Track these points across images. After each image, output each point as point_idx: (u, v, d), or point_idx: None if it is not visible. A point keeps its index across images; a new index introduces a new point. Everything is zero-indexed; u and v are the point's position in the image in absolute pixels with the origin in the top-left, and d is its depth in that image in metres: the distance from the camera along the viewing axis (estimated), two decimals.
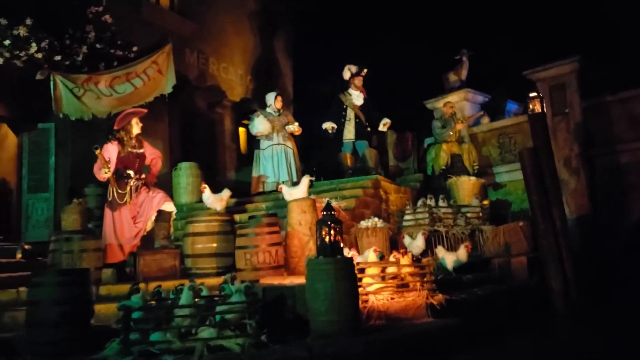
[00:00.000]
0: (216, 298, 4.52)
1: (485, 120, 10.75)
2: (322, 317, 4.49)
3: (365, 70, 10.35)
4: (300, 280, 5.28)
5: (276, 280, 5.61)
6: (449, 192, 9.13)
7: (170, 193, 8.84)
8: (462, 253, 6.62)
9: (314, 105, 12.47)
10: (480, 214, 7.92)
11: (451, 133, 9.96)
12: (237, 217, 7.71)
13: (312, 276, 4.61)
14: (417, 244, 7.04)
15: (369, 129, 10.19)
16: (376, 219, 7.25)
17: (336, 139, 10.14)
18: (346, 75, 10.44)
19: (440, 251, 6.76)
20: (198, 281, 4.86)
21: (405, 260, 5.69)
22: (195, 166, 9.61)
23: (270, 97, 9.60)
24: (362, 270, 5.67)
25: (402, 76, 12.07)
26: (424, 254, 7.08)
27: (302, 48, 13.40)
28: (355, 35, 13.32)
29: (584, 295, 7.06)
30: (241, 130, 11.90)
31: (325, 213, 4.80)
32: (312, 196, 7.10)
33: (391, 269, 5.70)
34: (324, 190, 8.82)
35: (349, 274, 4.68)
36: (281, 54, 12.99)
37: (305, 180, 6.89)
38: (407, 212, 7.84)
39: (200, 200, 7.70)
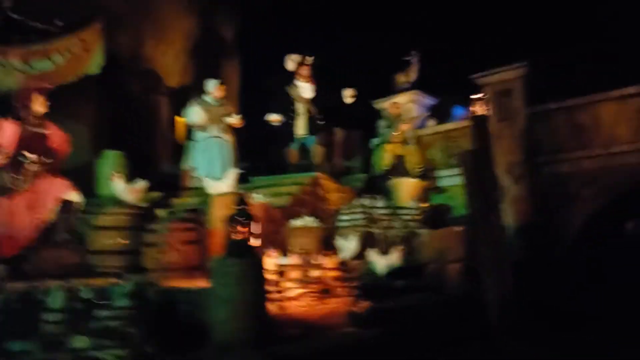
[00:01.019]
0: (102, 302, 3.96)
1: (431, 123, 10.49)
2: (224, 325, 4.01)
3: (310, 59, 9.88)
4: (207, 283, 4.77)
5: (184, 283, 5.08)
6: (390, 194, 8.80)
7: (94, 183, 8.18)
8: (394, 257, 6.27)
9: (264, 98, 11.94)
10: (418, 217, 7.59)
11: (396, 134, 9.64)
12: (159, 212, 7.13)
13: (216, 279, 4.13)
14: (349, 245, 6.67)
15: (321, 122, 9.74)
16: (309, 218, 6.82)
17: (286, 134, 9.65)
18: (289, 66, 9.97)
19: (372, 254, 6.39)
20: (94, 281, 4.31)
21: (330, 263, 5.27)
22: (123, 155, 8.92)
23: (211, 85, 8.96)
24: (282, 274, 5.22)
25: (353, 75, 11.68)
26: (358, 256, 6.72)
27: (253, 38, 12.82)
28: (307, 29, 12.87)
29: (522, 306, 6.83)
30: (181, 119, 11.22)
31: (236, 208, 4.32)
32: (241, 191, 6.59)
33: (315, 273, 5.28)
34: (261, 186, 8.34)
35: (258, 278, 4.21)
36: (229, 43, 12.38)
37: (232, 173, 6.38)
38: (343, 211, 7.44)
39: None
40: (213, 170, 8.56)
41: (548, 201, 8.73)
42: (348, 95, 9.53)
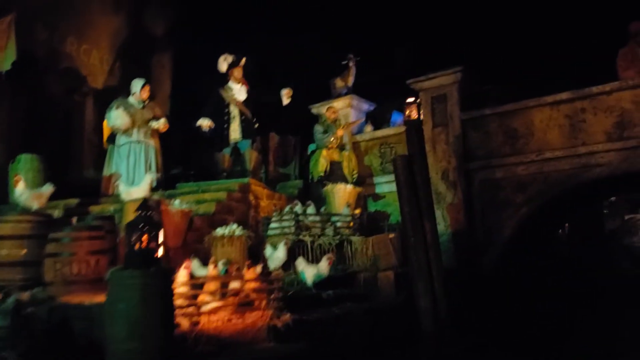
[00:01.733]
0: None
1: (369, 128, 10.30)
2: (123, 344, 3.57)
3: (243, 60, 9.52)
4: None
5: (86, 298, 4.58)
6: (325, 200, 8.53)
7: (6, 188, 7.52)
8: (323, 266, 5.95)
9: (198, 102, 11.46)
10: (351, 224, 7.33)
11: (332, 139, 9.40)
12: (75, 220, 6.55)
13: (114, 292, 3.69)
14: (278, 255, 6.31)
15: (256, 126, 9.35)
16: (235, 226, 6.42)
17: (218, 139, 9.20)
18: (222, 67, 9.57)
19: (300, 264, 6.05)
20: None
21: (250, 274, 4.89)
22: (38, 159, 8.25)
23: (137, 85, 8.45)
24: (199, 286, 4.81)
25: (290, 79, 11.37)
26: (286, 266, 6.37)
27: (186, 40, 12.32)
28: (243, 31, 12.47)
29: (454, 314, 6.66)
30: (105, 122, 10.59)
31: (138, 214, 3.89)
32: (158, 197, 6.14)
33: (234, 284, 4.89)
34: (185, 192, 7.88)
35: (163, 291, 3.79)
36: (160, 43, 11.86)
37: (148, 178, 5.92)
38: (273, 219, 7.08)
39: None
40: (135, 177, 8.06)
41: (482, 207, 8.67)
42: (285, 95, 9.19)
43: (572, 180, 7.91)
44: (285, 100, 9.23)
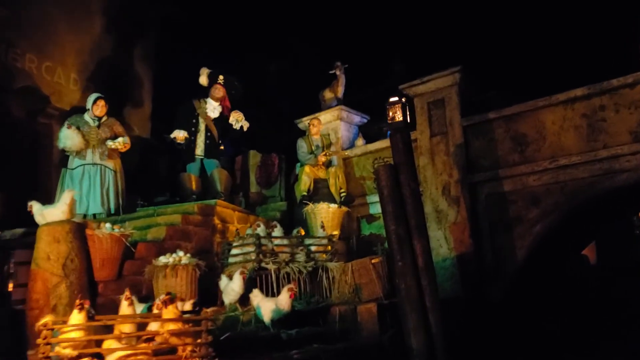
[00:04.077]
0: None
1: (360, 142, 9.23)
2: None
3: (221, 77, 8.62)
4: None
5: None
6: (306, 222, 7.45)
7: None
8: (283, 300, 4.83)
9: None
10: (329, 248, 6.19)
11: (317, 155, 8.37)
12: None
13: None
14: (232, 287, 5.20)
15: (221, 148, 8.40)
16: (181, 254, 5.34)
17: (184, 153, 8.28)
18: (202, 79, 8.72)
19: (256, 297, 4.94)
20: None
21: (168, 312, 3.80)
22: None
23: (89, 101, 7.64)
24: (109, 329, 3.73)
25: (277, 92, 10.48)
26: (243, 300, 5.26)
27: (168, 59, 11.53)
28: (228, 47, 11.65)
29: (455, 355, 5.45)
30: None
31: None
32: (81, 220, 5.13)
33: (152, 326, 3.80)
34: (141, 216, 6.87)
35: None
36: (138, 62, 11.06)
37: (67, 196, 4.91)
38: (234, 244, 5.98)
39: None
40: (90, 203, 7.13)
41: (490, 226, 7.45)
42: (236, 119, 8.18)
43: (593, 189, 6.68)
44: (238, 125, 8.20)
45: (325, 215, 7.23)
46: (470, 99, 8.07)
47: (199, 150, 8.06)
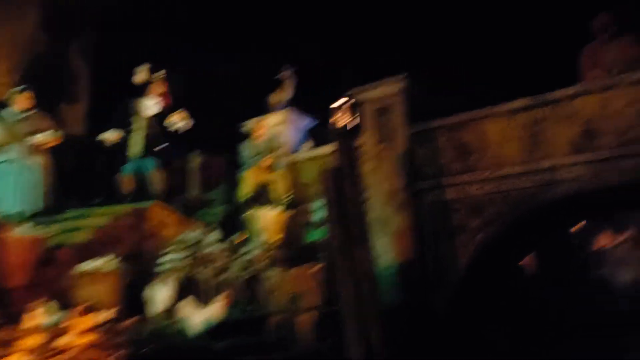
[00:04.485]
0: None
1: (308, 146, 9.07)
2: None
3: (162, 73, 8.27)
4: None
5: None
6: (246, 227, 7.19)
7: None
8: (215, 309, 4.56)
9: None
10: (269, 255, 5.96)
11: (262, 158, 8.14)
12: None
13: None
14: (162, 295, 4.89)
15: (160, 147, 8.03)
16: (106, 259, 4.99)
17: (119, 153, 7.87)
18: (138, 77, 8.33)
19: (185, 307, 4.64)
20: None
21: (83, 323, 3.47)
22: None
23: (13, 94, 7.15)
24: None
25: (224, 94, 10.17)
26: (174, 309, 4.95)
27: (108, 55, 11.01)
28: (175, 46, 11.24)
29: None
30: None
31: None
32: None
33: (63, 340, 3.46)
34: (69, 218, 6.45)
35: None
36: (75, 57, 10.52)
37: None
38: (167, 249, 5.66)
39: None
40: (14, 204, 6.64)
41: (433, 234, 7.41)
42: (176, 118, 7.84)
43: (535, 199, 6.73)
44: (178, 125, 7.86)
45: (266, 221, 7.00)
46: (417, 106, 8.03)
47: (136, 149, 7.67)
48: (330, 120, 6.12)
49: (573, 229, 11.88)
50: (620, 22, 6.68)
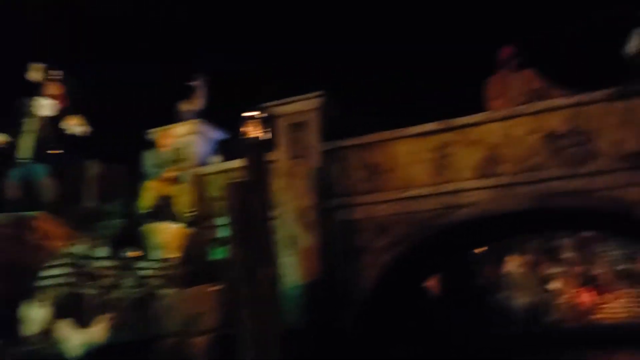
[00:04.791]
0: None
1: (216, 159, 8.73)
2: None
3: (56, 73, 7.62)
4: None
5: None
6: (144, 242, 6.73)
7: None
8: (97, 331, 4.13)
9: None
10: (165, 272, 5.57)
11: (166, 169, 7.70)
12: None
13: None
14: (38, 315, 4.38)
15: (53, 152, 7.37)
16: None
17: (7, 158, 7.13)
18: (32, 75, 7.61)
19: (64, 328, 4.17)
20: None
21: None
22: None
23: None
24: None
25: (129, 100, 9.63)
26: (52, 330, 4.44)
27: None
28: (80, 48, 10.57)
29: None
30: None
31: None
32: None
33: None
34: None
35: None
36: None
37: None
38: (49, 264, 5.13)
39: None
40: None
41: (342, 253, 7.33)
42: (72, 123, 7.26)
43: (438, 221, 6.85)
44: (75, 130, 7.29)
45: (166, 236, 6.58)
46: (332, 124, 7.98)
47: (25, 154, 6.98)
48: (241, 131, 5.85)
49: (476, 252, 12.34)
50: (524, 55, 7.01)
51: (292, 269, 7.28)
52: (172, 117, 9.05)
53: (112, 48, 10.55)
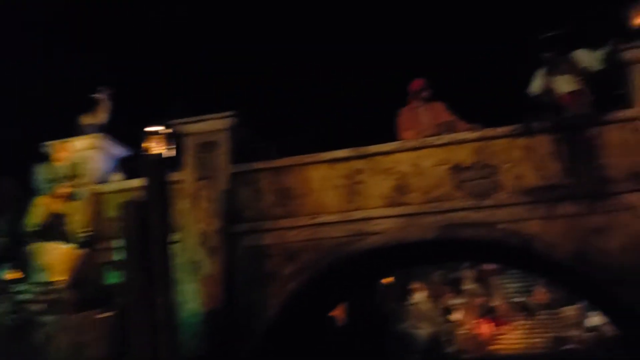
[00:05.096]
0: None
1: (117, 177, 8.20)
2: None
3: None
4: None
5: None
6: (29, 263, 6.09)
7: None
8: None
9: None
10: (48, 297, 5.03)
11: (59, 185, 7.12)
12: None
13: None
14: None
15: None
16: None
17: None
18: None
19: None
20: None
21: None
22: None
23: None
24: None
25: (23, 110, 8.88)
26: None
27: None
28: None
29: None
30: None
31: None
32: None
33: None
34: None
35: None
36: None
37: None
38: None
39: None
40: None
41: (246, 280, 7.04)
42: None
43: (347, 249, 6.77)
44: None
45: (54, 257, 6.00)
46: (243, 146, 7.76)
47: None
48: (143, 147, 5.49)
49: (382, 282, 12.42)
50: (433, 88, 7.21)
51: (193, 296, 6.90)
52: (71, 130, 8.45)
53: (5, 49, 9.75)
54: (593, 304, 10.24)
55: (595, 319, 12.65)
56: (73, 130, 8.44)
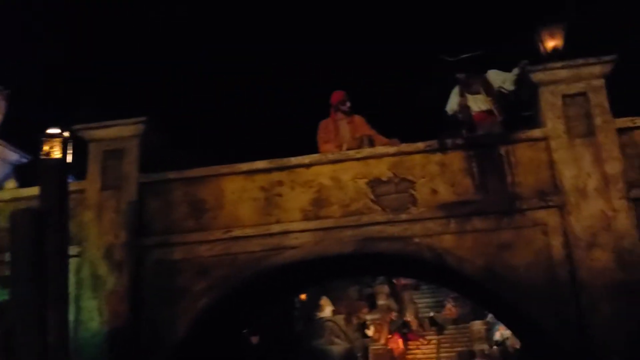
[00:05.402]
0: None
1: (12, 185, 7.51)
2: None
3: None
4: None
5: None
6: None
7: None
8: None
9: None
10: None
11: None
12: None
13: None
14: None
15: None
16: None
17: None
18: None
19: None
20: None
21: None
22: None
23: None
24: None
25: None
26: None
27: None
28: None
29: None
30: None
31: None
32: None
33: None
34: None
35: None
36: None
37: None
38: None
39: None
40: None
41: (154, 297, 6.60)
42: None
43: (263, 264, 6.52)
44: None
45: None
46: (154, 154, 7.34)
47: None
48: (42, 151, 5.01)
49: (296, 297, 12.26)
50: (353, 101, 7.19)
51: (94, 313, 6.40)
52: None
53: None
54: (500, 319, 10.59)
55: (502, 333, 13.17)
56: None
